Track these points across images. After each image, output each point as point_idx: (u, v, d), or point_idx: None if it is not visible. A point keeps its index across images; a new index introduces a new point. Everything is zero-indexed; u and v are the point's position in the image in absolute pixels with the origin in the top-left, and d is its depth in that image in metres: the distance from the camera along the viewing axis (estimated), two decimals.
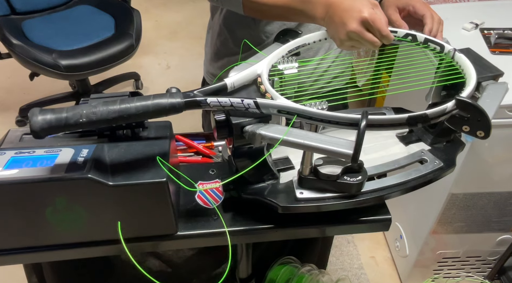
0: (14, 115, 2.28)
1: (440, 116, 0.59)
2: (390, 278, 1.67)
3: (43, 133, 0.53)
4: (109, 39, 1.95)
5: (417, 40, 0.75)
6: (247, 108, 0.59)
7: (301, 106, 0.58)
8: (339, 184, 0.64)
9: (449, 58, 0.71)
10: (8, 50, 1.87)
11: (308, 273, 1.00)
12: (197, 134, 0.86)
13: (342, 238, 1.81)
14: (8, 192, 0.57)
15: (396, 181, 0.67)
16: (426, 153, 0.71)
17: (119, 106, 0.55)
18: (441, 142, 0.73)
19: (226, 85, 0.64)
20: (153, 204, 0.62)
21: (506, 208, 1.34)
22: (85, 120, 0.54)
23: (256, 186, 0.68)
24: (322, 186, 0.65)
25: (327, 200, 0.65)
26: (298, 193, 0.65)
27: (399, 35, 0.76)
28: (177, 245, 0.72)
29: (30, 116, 0.52)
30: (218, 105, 0.59)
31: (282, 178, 0.69)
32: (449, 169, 0.69)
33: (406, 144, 0.75)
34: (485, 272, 1.53)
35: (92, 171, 0.58)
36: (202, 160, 0.82)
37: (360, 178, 0.64)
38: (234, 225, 0.68)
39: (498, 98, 0.64)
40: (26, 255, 0.65)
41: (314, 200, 0.65)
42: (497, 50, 1.24)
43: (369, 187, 0.65)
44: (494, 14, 1.45)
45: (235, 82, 0.65)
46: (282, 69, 0.68)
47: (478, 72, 0.67)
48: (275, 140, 0.58)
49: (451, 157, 0.71)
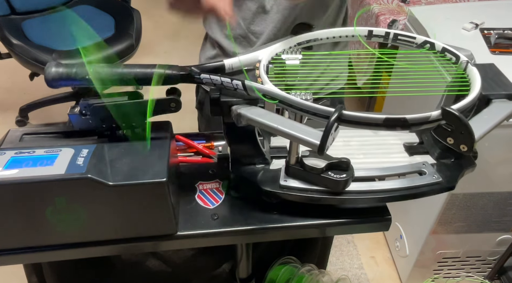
0: (14, 115, 2.29)
1: (422, 123, 0.56)
2: (390, 278, 1.67)
3: (54, 83, 0.62)
4: (109, 39, 1.95)
5: (435, 49, 0.72)
6: (235, 88, 0.62)
7: (282, 93, 0.59)
8: (323, 179, 0.64)
9: (461, 70, 0.68)
10: (8, 50, 1.88)
11: (308, 273, 1.00)
12: (197, 134, 0.86)
13: (342, 238, 1.81)
14: (8, 192, 0.57)
15: (387, 187, 0.66)
16: (428, 166, 0.69)
17: (121, 70, 0.62)
18: (448, 158, 0.71)
19: (224, 66, 0.67)
20: (153, 204, 0.62)
21: (506, 208, 1.34)
22: (90, 77, 0.61)
23: (246, 167, 0.70)
24: (306, 177, 0.66)
25: (309, 192, 0.66)
26: (283, 181, 0.67)
27: (417, 42, 0.73)
28: (177, 245, 0.72)
29: (47, 67, 0.61)
30: (210, 82, 0.63)
31: (274, 165, 0.71)
32: (449, 185, 0.67)
33: (411, 154, 0.74)
34: (485, 272, 1.53)
35: (92, 171, 0.58)
36: (202, 160, 0.82)
37: (345, 176, 0.64)
38: (234, 225, 0.68)
39: (498, 116, 0.61)
40: (26, 255, 0.65)
41: (296, 189, 0.66)
42: (497, 50, 1.25)
43: (357, 187, 0.65)
44: (494, 14, 1.45)
45: (234, 64, 0.68)
46: (285, 59, 0.69)
47: (491, 88, 0.64)
48: (252, 121, 0.60)
49: (454, 175, 0.68)
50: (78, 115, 0.65)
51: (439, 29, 1.36)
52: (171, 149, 0.66)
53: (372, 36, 0.76)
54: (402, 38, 0.75)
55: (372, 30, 0.76)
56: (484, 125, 0.58)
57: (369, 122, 0.56)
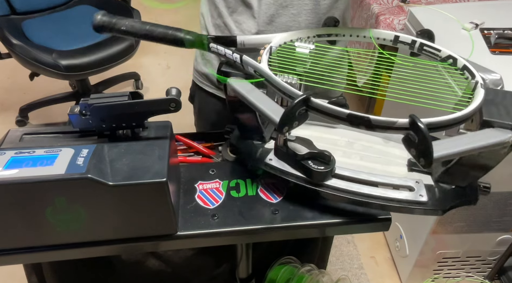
0: (14, 115, 2.28)
1: (386, 127, 0.56)
2: (390, 278, 1.67)
3: (98, 29, 0.72)
4: (109, 39, 1.95)
5: (457, 65, 0.70)
6: (234, 61, 0.68)
7: (269, 72, 0.63)
8: (302, 166, 0.67)
9: (469, 89, 0.66)
10: (8, 50, 1.87)
11: (308, 273, 1.00)
12: (197, 134, 0.86)
13: (342, 238, 1.81)
14: (8, 192, 0.57)
15: (366, 192, 0.65)
16: (419, 185, 0.67)
17: (148, 27, 0.70)
18: (449, 184, 0.68)
19: (236, 39, 0.74)
20: (153, 204, 0.62)
21: (506, 208, 1.34)
22: (125, 29, 0.70)
23: (244, 140, 0.76)
24: (288, 161, 0.69)
25: (288, 175, 0.68)
26: (268, 159, 0.71)
27: (441, 55, 0.72)
28: (177, 245, 0.72)
29: (96, 15, 0.72)
30: (216, 51, 0.70)
31: (269, 145, 0.74)
32: (434, 209, 0.64)
33: (411, 170, 0.72)
34: (485, 272, 1.53)
35: (92, 171, 0.58)
36: (202, 160, 0.82)
37: (323, 168, 0.65)
38: (234, 225, 0.68)
39: (480, 141, 0.56)
40: (26, 255, 0.65)
41: (277, 169, 0.69)
42: (497, 50, 1.24)
43: (335, 184, 0.66)
44: (494, 14, 1.45)
45: (245, 41, 0.74)
46: (297, 46, 0.72)
47: (496, 115, 0.60)
48: (236, 92, 0.65)
49: (445, 202, 0.65)
50: (78, 115, 0.65)
51: (439, 29, 1.36)
52: (171, 149, 0.66)
53: (398, 42, 0.76)
54: (427, 49, 0.73)
55: (399, 35, 0.75)
56: (455, 147, 0.55)
57: (334, 114, 0.58)
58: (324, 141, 0.78)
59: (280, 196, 0.72)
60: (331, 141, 0.79)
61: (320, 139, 0.78)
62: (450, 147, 0.54)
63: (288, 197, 0.72)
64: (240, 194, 0.72)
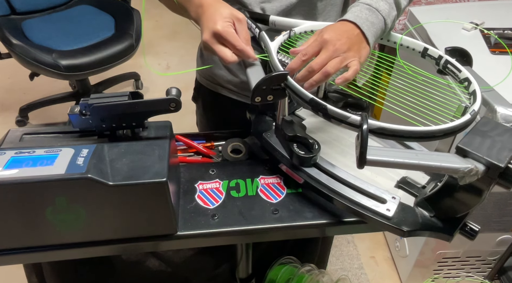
0: (14, 115, 2.29)
1: (339, 120, 0.57)
2: (390, 278, 1.67)
3: None
4: (109, 39, 1.95)
5: (469, 90, 0.67)
6: (255, 34, 0.75)
7: (271, 49, 0.70)
8: (287, 146, 0.71)
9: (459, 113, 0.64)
10: (8, 50, 1.88)
11: (308, 273, 1.00)
12: (197, 134, 0.86)
13: (342, 238, 1.81)
14: (8, 192, 0.57)
15: (338, 189, 0.66)
16: (395, 201, 0.65)
17: None
18: (428, 211, 0.65)
19: (268, 18, 0.80)
20: (153, 204, 0.62)
21: (506, 208, 1.34)
22: None
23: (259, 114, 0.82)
24: (281, 139, 0.74)
25: (277, 153, 0.73)
26: (267, 135, 0.76)
27: (460, 76, 0.69)
28: (177, 245, 0.72)
29: None
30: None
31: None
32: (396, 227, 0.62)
33: (398, 187, 0.71)
34: (485, 272, 1.53)
35: (92, 171, 0.58)
36: (202, 160, 0.82)
37: (303, 153, 0.69)
38: (234, 225, 0.68)
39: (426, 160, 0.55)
40: (26, 255, 0.65)
41: (269, 145, 0.75)
42: (497, 50, 1.24)
43: (312, 173, 0.69)
44: (494, 14, 1.45)
45: (276, 21, 0.80)
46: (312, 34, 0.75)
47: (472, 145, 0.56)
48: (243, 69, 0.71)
49: (413, 225, 0.63)
50: (78, 115, 0.65)
51: (439, 29, 1.37)
52: (171, 149, 0.66)
53: (425, 55, 0.74)
54: (450, 67, 0.71)
55: (428, 48, 0.74)
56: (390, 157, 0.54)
57: (298, 94, 0.62)
58: (330, 135, 0.79)
59: (280, 196, 0.72)
60: (336, 138, 0.79)
61: (326, 131, 0.80)
62: (384, 155, 0.54)
63: (288, 197, 0.72)
64: (240, 194, 0.72)
